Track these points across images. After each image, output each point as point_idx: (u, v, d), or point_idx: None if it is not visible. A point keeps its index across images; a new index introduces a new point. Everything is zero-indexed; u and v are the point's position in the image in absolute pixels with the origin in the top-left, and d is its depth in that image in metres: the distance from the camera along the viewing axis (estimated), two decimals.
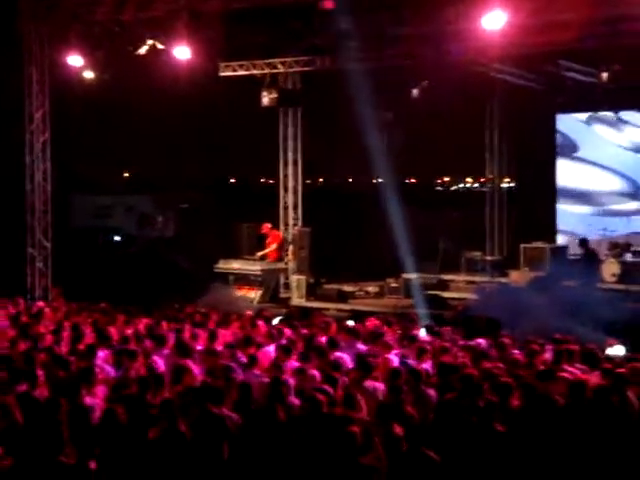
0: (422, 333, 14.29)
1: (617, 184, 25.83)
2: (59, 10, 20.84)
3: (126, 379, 10.19)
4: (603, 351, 12.65)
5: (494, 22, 17.06)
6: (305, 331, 14.23)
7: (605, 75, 21.40)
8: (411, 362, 11.28)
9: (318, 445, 7.75)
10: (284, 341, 12.92)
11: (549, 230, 25.70)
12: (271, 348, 12.52)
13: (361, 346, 12.91)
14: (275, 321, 16.23)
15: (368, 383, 10.21)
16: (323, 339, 13.12)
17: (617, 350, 13.05)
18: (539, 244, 23.06)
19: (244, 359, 11.42)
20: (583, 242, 21.69)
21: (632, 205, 25.44)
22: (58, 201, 22.91)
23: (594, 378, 10.04)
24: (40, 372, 10.32)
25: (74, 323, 14.74)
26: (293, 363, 11.31)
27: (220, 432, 8.11)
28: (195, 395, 9.04)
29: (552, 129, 26.63)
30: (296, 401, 9.11)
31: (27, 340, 13.14)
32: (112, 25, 20.75)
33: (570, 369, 10.50)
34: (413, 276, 22.28)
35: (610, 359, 11.86)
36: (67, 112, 23.88)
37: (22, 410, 8.41)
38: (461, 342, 13.34)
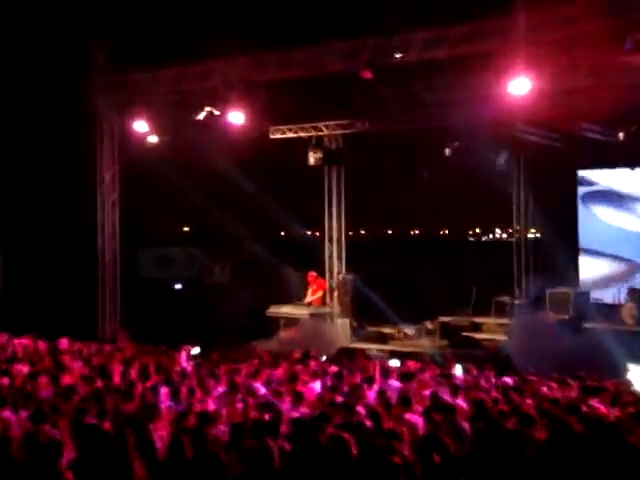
0: (457, 371, 14.20)
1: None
2: (127, 82, 21.25)
3: (187, 412, 10.23)
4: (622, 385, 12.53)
5: (519, 88, 17.09)
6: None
7: (622, 134, 21.34)
8: (446, 398, 11.21)
9: (364, 475, 7.69)
10: (329, 379, 12.93)
11: (573, 276, 25.45)
12: (317, 385, 12.53)
13: (394, 383, 12.84)
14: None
15: (408, 416, 10.15)
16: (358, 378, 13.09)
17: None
18: (563, 289, 22.86)
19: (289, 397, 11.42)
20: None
21: None
22: (126, 253, 23.19)
23: (615, 413, 9.94)
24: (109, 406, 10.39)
25: (141, 363, 14.82)
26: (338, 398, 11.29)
27: (269, 466, 8.06)
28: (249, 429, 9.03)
29: (574, 184, 26.49)
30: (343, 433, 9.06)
31: (101, 378, 13.23)
32: (174, 95, 21.08)
33: (594, 404, 10.39)
34: (448, 319, 22.16)
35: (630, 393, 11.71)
36: (134, 173, 24.21)
37: (91, 441, 8.44)
38: (493, 379, 13.27)
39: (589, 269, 25.96)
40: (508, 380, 12.80)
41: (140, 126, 21.87)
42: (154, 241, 34.99)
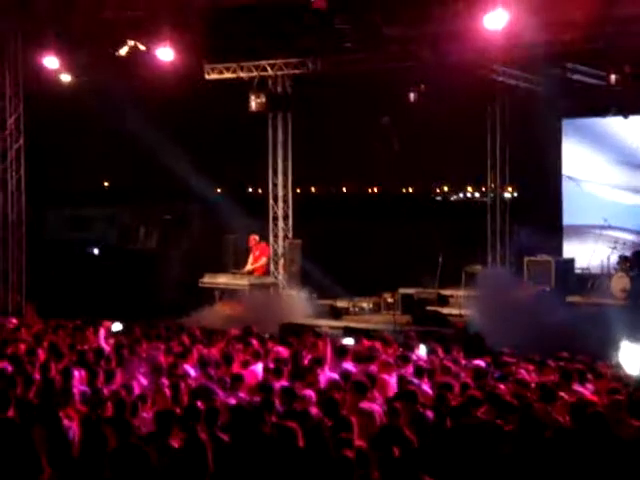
0: (422, 352, 14.25)
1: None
2: (34, 7, 20.81)
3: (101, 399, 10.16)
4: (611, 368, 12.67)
5: (496, 21, 17.06)
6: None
7: (614, 77, 21.39)
8: (410, 382, 11.25)
9: (312, 470, 7.68)
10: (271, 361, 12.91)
11: (555, 243, 25.67)
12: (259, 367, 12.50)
13: (348, 366, 12.84)
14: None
15: (364, 405, 10.16)
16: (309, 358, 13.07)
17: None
18: (544, 257, 23.05)
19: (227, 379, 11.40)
20: None
21: None
22: (32, 213, 22.88)
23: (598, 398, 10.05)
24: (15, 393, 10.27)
25: (50, 342, 14.67)
26: (282, 383, 11.27)
27: (204, 457, 8.03)
28: (180, 418, 8.98)
29: (558, 135, 26.64)
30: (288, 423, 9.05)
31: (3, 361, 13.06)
32: (91, 25, 20.71)
33: (576, 389, 10.50)
34: (411, 291, 22.26)
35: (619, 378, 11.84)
36: (42, 118, 23.82)
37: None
38: (463, 361, 13.33)
39: (574, 235, 26.21)
40: (480, 362, 12.87)
41: (50, 62, 21.48)
42: (66, 199, 34.63)
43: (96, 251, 36.18)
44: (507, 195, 28.69)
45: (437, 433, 8.69)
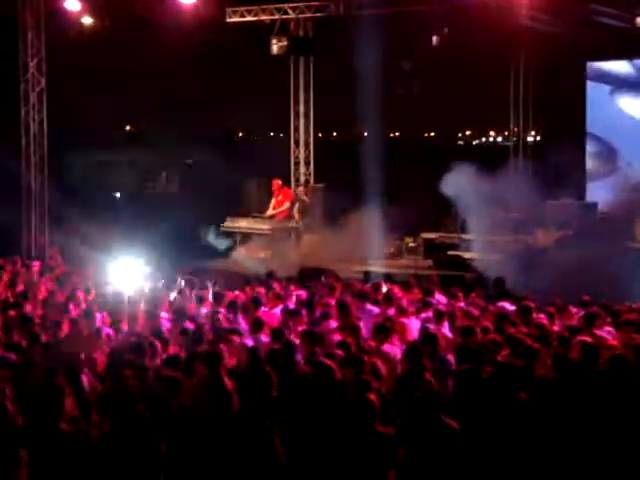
0: (442, 296, 14.25)
1: None
2: None
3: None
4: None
5: None
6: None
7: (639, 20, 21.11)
8: (429, 326, 11.27)
9: (333, 413, 7.74)
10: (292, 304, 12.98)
11: (578, 186, 25.48)
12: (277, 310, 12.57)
13: (372, 308, 12.88)
14: None
15: (386, 347, 10.20)
16: (331, 302, 13.10)
17: None
18: (567, 201, 22.90)
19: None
20: None
21: None
22: (54, 156, 22.89)
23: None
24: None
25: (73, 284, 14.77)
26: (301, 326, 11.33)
27: (225, 398, 8.09)
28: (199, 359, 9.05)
29: (582, 78, 26.36)
30: (306, 367, 9.10)
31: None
32: None
33: (598, 332, 10.49)
34: (432, 235, 22.20)
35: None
36: (63, 61, 23.74)
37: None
38: (483, 305, 13.32)
39: (598, 177, 26.06)
40: (503, 305, 12.86)
41: (72, 4, 21.40)
42: (88, 143, 34.55)
43: (118, 195, 36.21)
44: (530, 139, 28.49)
45: (458, 377, 8.69)
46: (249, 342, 10.44)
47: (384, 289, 14.54)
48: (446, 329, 11.39)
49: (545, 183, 22.86)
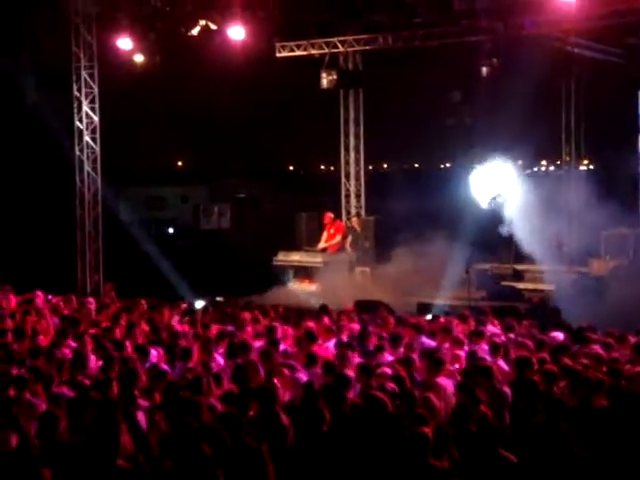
0: (496, 328, 14.13)
1: None
2: None
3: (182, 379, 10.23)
4: None
5: None
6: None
7: None
8: (484, 358, 11.17)
9: (387, 447, 7.69)
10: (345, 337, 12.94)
11: (632, 215, 25.21)
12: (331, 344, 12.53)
13: (427, 341, 12.82)
14: None
15: (440, 380, 10.13)
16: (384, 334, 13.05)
17: None
18: (622, 230, 22.69)
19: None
20: None
21: None
22: (108, 193, 23.13)
23: None
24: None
25: (128, 320, 14.82)
26: (357, 360, 11.27)
27: (280, 435, 8.06)
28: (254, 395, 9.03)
29: (635, 107, 26.13)
30: (359, 400, 9.06)
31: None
32: (163, 5, 20.81)
33: None
34: (486, 266, 22.08)
35: None
36: (117, 99, 24.02)
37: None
38: (539, 336, 13.17)
39: None
40: (558, 335, 12.72)
41: (124, 43, 21.64)
42: (141, 178, 34.95)
43: (171, 230, 36.48)
44: (582, 168, 28.27)
45: (515, 409, 8.61)
46: (303, 377, 10.40)
47: (441, 321, 14.49)
48: (502, 361, 11.28)
49: (598, 213, 22.69)
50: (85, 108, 22.00)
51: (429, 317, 15.60)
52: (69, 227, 22.24)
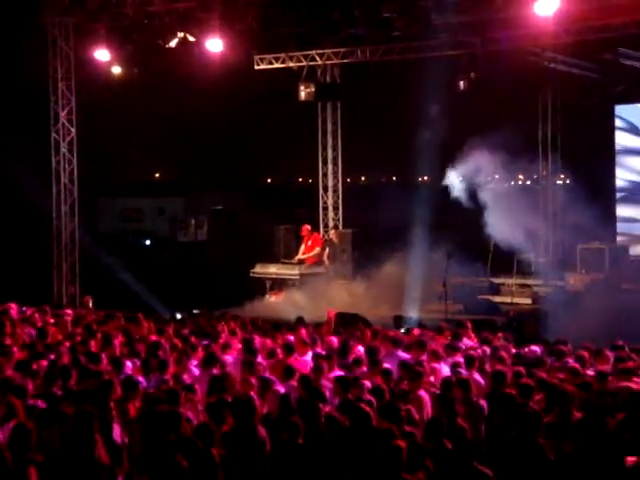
0: (473, 341, 14.13)
1: None
2: (85, 1, 20.93)
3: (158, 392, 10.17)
4: None
5: (546, 7, 16.87)
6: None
7: None
8: (461, 371, 11.17)
9: (362, 461, 7.67)
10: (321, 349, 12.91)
11: (608, 230, 25.33)
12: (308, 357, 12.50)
13: (403, 354, 12.79)
14: None
15: (417, 393, 10.11)
16: (360, 348, 13.03)
17: None
18: (597, 245, 22.79)
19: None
20: None
21: None
22: (85, 204, 23.05)
23: None
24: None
25: (103, 332, 14.74)
26: (336, 372, 11.25)
27: (257, 447, 8.05)
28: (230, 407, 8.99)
29: (611, 122, 26.29)
30: (336, 413, 9.03)
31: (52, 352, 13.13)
32: (140, 17, 20.78)
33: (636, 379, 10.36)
34: (462, 280, 22.11)
35: None
36: (94, 110, 23.96)
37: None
38: (514, 350, 13.19)
39: (628, 220, 25.90)
40: (535, 349, 12.74)
41: (102, 55, 21.60)
42: (118, 190, 34.84)
43: (148, 242, 36.37)
44: (559, 182, 28.38)
45: (491, 423, 8.61)
46: (281, 389, 10.37)
47: (415, 334, 14.46)
48: (477, 374, 11.28)
49: (575, 226, 22.80)
50: (62, 119, 21.94)
51: (403, 330, 15.59)
52: (46, 239, 22.15)
